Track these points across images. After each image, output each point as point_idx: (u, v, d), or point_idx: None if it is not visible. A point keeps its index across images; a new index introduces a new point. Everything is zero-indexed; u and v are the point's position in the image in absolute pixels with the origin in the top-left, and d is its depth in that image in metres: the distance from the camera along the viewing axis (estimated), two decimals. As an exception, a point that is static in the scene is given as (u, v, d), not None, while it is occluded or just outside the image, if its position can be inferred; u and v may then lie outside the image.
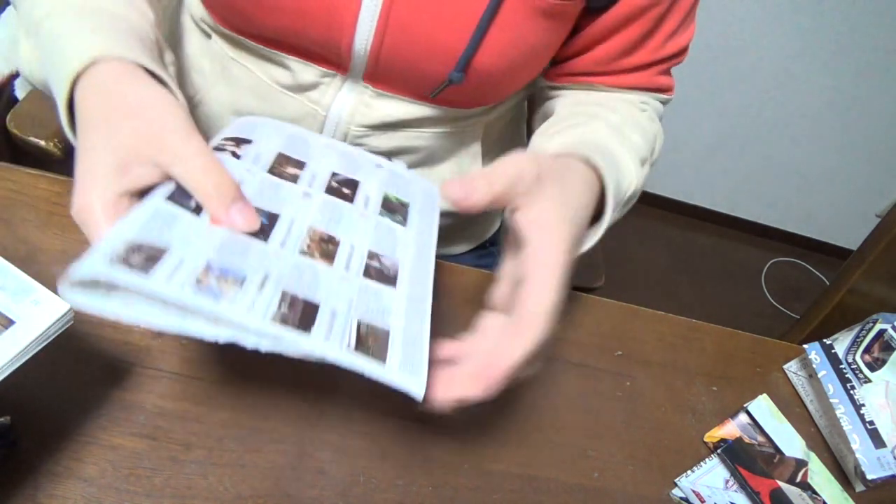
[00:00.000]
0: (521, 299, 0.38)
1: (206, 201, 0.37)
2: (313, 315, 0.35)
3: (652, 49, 0.60)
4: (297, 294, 0.36)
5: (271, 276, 0.36)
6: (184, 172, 0.37)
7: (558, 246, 0.40)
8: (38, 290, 0.37)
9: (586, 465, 0.53)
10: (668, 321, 0.66)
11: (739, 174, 2.22)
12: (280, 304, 0.35)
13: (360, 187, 0.47)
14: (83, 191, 0.36)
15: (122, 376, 0.46)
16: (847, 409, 0.59)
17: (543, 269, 0.39)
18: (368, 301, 0.38)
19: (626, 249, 2.12)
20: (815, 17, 1.79)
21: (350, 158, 0.49)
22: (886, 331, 0.62)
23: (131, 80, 0.40)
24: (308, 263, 0.38)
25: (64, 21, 0.43)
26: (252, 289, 0.34)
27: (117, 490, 0.42)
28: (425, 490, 0.48)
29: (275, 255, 0.37)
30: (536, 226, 0.41)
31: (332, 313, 0.36)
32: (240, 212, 0.37)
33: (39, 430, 0.43)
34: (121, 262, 0.32)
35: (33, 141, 0.68)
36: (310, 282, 0.37)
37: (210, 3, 0.57)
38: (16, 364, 0.35)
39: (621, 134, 0.56)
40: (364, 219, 0.44)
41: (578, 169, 0.48)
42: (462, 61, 0.53)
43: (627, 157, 0.55)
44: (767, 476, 0.56)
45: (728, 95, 1.99)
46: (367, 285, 0.40)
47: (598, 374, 0.59)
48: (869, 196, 2.22)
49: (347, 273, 0.40)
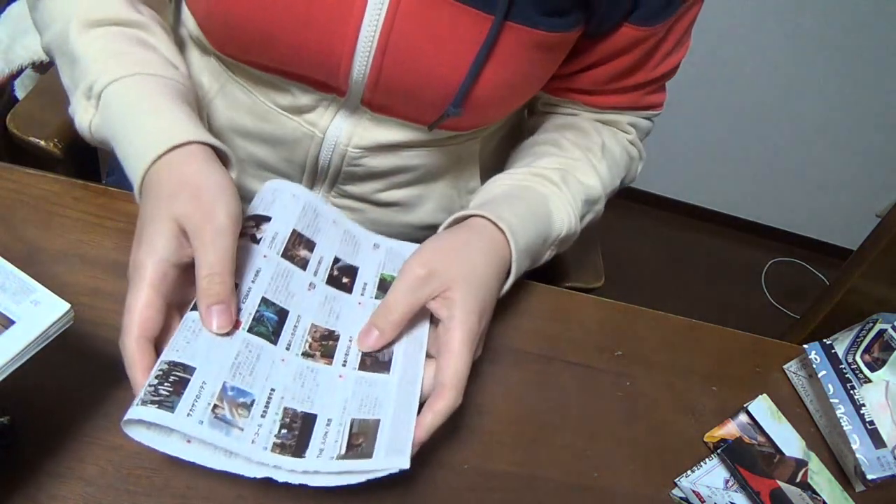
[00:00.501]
0: (440, 368, 0.45)
1: (198, 289, 0.42)
2: (311, 429, 0.42)
3: (647, 70, 0.61)
4: (297, 409, 0.42)
5: (277, 390, 0.42)
6: (198, 258, 0.42)
7: (464, 325, 0.46)
8: (38, 290, 0.37)
9: (586, 465, 0.53)
10: (668, 321, 0.66)
11: (739, 174, 2.22)
12: (281, 429, 0.41)
13: (359, 274, 0.53)
14: (142, 251, 0.42)
15: (122, 376, 0.46)
16: (847, 409, 0.59)
17: (452, 347, 0.45)
18: (362, 396, 0.45)
19: (626, 249, 2.12)
20: (816, 17, 1.79)
21: (352, 240, 0.55)
22: (886, 331, 0.62)
23: (197, 160, 0.46)
24: (309, 368, 0.45)
25: (128, 95, 0.49)
26: (258, 412, 0.40)
27: (117, 490, 0.42)
28: (425, 490, 0.48)
29: (281, 362, 0.44)
30: (444, 310, 0.47)
31: (327, 422, 0.43)
32: (217, 314, 0.42)
33: (39, 430, 0.43)
34: (150, 398, 0.37)
35: (33, 141, 0.68)
36: (309, 392, 0.44)
37: (206, 30, 0.57)
38: (16, 364, 0.35)
39: (566, 179, 0.60)
40: (361, 308, 0.51)
41: (483, 230, 0.53)
42: (459, 97, 0.53)
43: (561, 203, 0.59)
44: (767, 476, 0.56)
45: (728, 96, 1.99)
46: (363, 378, 0.46)
47: (598, 374, 0.59)
48: (869, 196, 2.22)
49: (344, 369, 0.46)
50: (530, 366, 0.57)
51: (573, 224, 0.60)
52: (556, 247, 0.60)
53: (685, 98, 1.95)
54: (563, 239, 0.60)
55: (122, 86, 0.49)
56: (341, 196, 0.66)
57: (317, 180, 0.64)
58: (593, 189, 0.62)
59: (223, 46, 0.57)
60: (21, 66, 0.82)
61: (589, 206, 0.62)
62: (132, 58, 0.50)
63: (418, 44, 0.51)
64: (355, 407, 0.44)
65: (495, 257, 0.52)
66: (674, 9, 0.55)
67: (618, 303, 0.65)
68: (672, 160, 2.15)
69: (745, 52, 1.88)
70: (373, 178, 0.64)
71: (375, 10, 0.50)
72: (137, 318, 0.40)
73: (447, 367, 0.45)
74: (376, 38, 0.51)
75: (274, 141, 0.61)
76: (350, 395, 0.45)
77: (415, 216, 0.69)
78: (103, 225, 0.53)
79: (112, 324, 0.48)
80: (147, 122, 0.47)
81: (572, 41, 0.56)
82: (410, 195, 0.66)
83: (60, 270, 0.50)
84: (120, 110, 0.48)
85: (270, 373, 0.43)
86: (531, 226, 0.55)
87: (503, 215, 0.53)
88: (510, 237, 0.52)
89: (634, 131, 0.68)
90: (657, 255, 2.20)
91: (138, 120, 0.48)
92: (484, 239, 0.52)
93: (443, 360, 0.45)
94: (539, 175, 0.60)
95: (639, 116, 0.67)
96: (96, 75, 0.49)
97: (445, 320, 0.47)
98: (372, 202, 0.66)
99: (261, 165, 0.64)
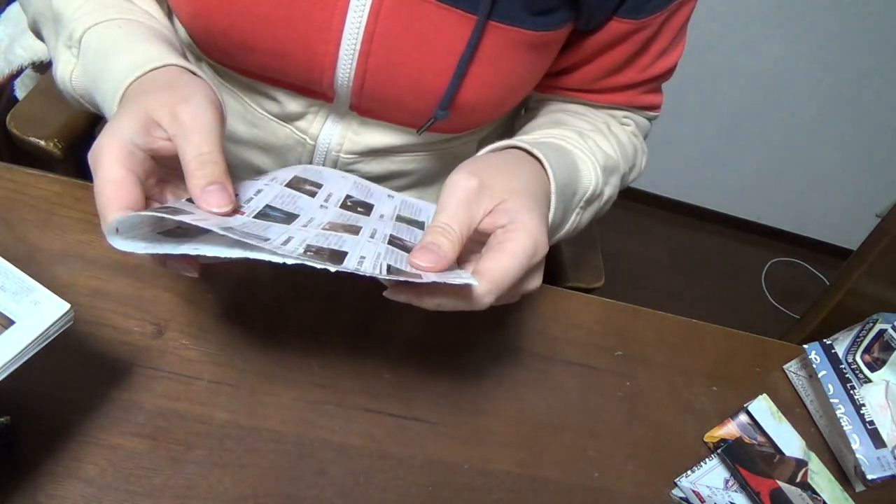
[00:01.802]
0: (482, 258, 0.39)
1: (187, 176, 0.38)
2: (342, 259, 0.36)
3: (640, 69, 0.60)
4: (324, 246, 0.37)
5: (295, 237, 0.37)
6: (180, 144, 0.38)
7: (527, 229, 0.39)
8: (38, 290, 0.37)
9: (586, 465, 0.53)
10: (668, 321, 0.66)
11: (739, 174, 2.22)
12: (306, 251, 0.35)
13: (374, 209, 0.48)
14: (104, 135, 0.38)
15: (122, 376, 0.46)
16: (847, 409, 0.59)
17: (506, 247, 0.39)
18: (396, 253, 0.38)
19: (626, 249, 2.12)
20: (816, 16, 1.79)
21: (364, 188, 0.51)
22: (886, 331, 0.62)
23: (174, 74, 0.43)
24: (332, 233, 0.39)
25: (109, 34, 0.46)
26: (278, 241, 0.36)
27: (117, 490, 0.42)
28: (425, 490, 0.48)
29: (302, 229, 0.39)
30: (504, 218, 0.41)
31: (360, 258, 0.36)
32: (214, 192, 0.37)
33: (39, 430, 0.43)
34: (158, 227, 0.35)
35: (33, 141, 0.68)
36: (335, 242, 0.38)
37: (191, 34, 0.57)
38: (16, 364, 0.35)
39: (584, 139, 0.56)
40: (382, 221, 0.45)
41: (520, 157, 0.48)
42: (446, 99, 0.53)
43: (586, 158, 0.54)
44: (767, 476, 0.56)
45: (728, 95, 1.99)
46: (393, 249, 0.39)
47: (598, 374, 0.59)
48: (869, 196, 2.22)
49: (373, 240, 0.40)
50: (530, 366, 0.57)
51: (598, 183, 0.55)
52: (582, 207, 0.55)
53: (685, 98, 1.95)
54: (588, 198, 0.55)
55: (103, 28, 0.47)
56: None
57: None
58: (611, 158, 0.58)
59: (209, 52, 0.57)
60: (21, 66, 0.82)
61: (608, 174, 0.57)
62: (115, 9, 0.49)
63: (402, 47, 0.51)
64: (390, 259, 0.37)
65: (541, 186, 0.45)
66: (661, 2, 0.54)
67: (618, 303, 0.65)
68: (672, 160, 2.15)
69: (745, 52, 1.88)
70: None
71: (357, 14, 0.49)
72: (111, 193, 0.36)
73: (493, 260, 0.38)
74: (359, 43, 0.50)
75: (267, 147, 0.61)
76: (383, 251, 0.38)
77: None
78: (103, 225, 0.53)
79: (112, 324, 0.48)
80: (124, 55, 0.45)
81: (561, 40, 0.56)
82: None
83: (60, 270, 0.50)
84: (99, 49, 0.46)
85: (285, 230, 0.38)
86: (564, 168, 0.50)
87: (545, 153, 0.48)
88: (551, 173, 0.47)
89: (633, 124, 0.65)
90: (657, 255, 2.20)
91: (117, 56, 0.45)
92: (528, 169, 0.46)
93: (493, 252, 0.38)
94: (559, 134, 0.56)
95: (635, 114, 0.65)
96: (76, 23, 0.47)
97: (507, 224, 0.39)
98: None
99: (255, 172, 0.64)
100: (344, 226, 0.41)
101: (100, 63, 0.46)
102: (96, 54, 0.47)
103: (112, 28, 0.47)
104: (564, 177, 0.50)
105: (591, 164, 0.55)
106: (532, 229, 0.39)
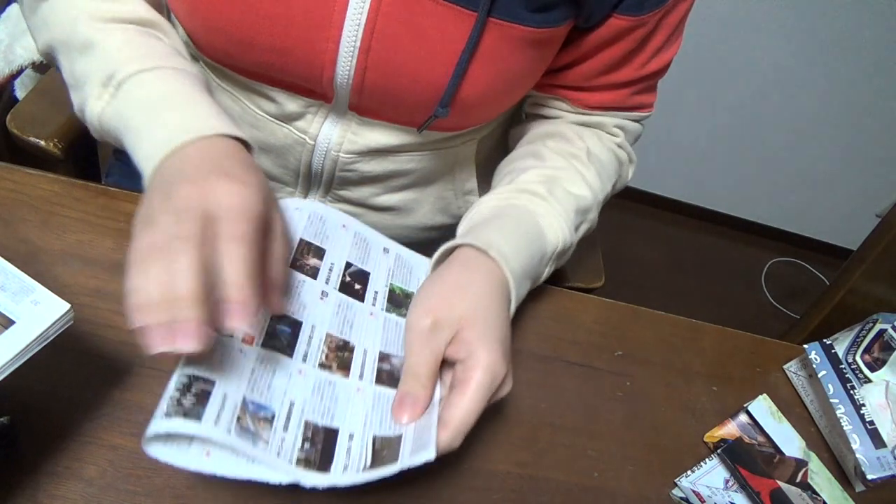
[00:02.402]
0: (448, 404, 0.43)
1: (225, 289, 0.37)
2: (333, 443, 0.41)
3: (637, 66, 0.60)
4: (318, 423, 0.42)
5: (296, 403, 0.42)
6: (226, 252, 0.37)
7: (485, 365, 0.43)
8: (38, 290, 0.37)
9: (586, 465, 0.53)
10: (668, 321, 0.66)
11: (739, 174, 2.22)
12: (304, 443, 0.40)
13: (370, 281, 0.52)
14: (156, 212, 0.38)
15: (122, 376, 0.46)
16: (847, 409, 0.59)
17: (466, 387, 0.43)
18: (382, 412, 0.44)
19: (626, 249, 2.12)
20: (816, 16, 1.79)
21: (362, 243, 0.54)
22: (886, 331, 0.62)
23: (220, 151, 0.43)
24: (327, 380, 0.44)
25: (156, 90, 0.47)
26: (279, 426, 0.40)
27: (117, 490, 0.42)
28: (425, 490, 0.48)
29: (298, 374, 0.43)
30: (463, 351, 0.45)
31: (349, 436, 0.42)
32: (240, 314, 0.37)
33: (39, 430, 0.43)
34: (175, 409, 0.36)
35: (33, 141, 0.68)
36: (329, 405, 0.43)
37: (189, 32, 0.57)
38: (16, 364, 0.35)
39: (553, 188, 0.58)
40: (373, 318, 0.50)
41: (476, 262, 0.50)
42: (446, 97, 0.53)
43: (553, 218, 0.56)
44: (767, 476, 0.56)
45: (728, 95, 1.99)
46: (381, 393, 0.46)
47: (598, 374, 0.59)
48: (869, 196, 2.22)
49: (362, 382, 0.46)
50: (530, 366, 0.57)
51: (567, 236, 0.57)
52: (554, 262, 0.58)
53: (685, 98, 1.95)
54: (559, 253, 0.57)
55: (147, 76, 0.47)
56: (337, 201, 0.66)
57: (311, 186, 0.64)
58: (583, 199, 0.59)
59: (207, 50, 0.57)
60: (21, 66, 0.82)
61: (582, 215, 0.60)
62: (154, 51, 0.49)
63: (402, 45, 0.51)
64: (377, 422, 0.44)
65: (496, 286, 0.49)
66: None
67: (618, 303, 0.65)
68: (672, 160, 2.15)
69: (745, 52, 1.88)
70: (367, 182, 0.63)
71: (357, 10, 0.49)
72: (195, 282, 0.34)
73: (454, 406, 0.42)
74: (359, 41, 0.50)
75: (267, 148, 0.61)
76: (370, 408, 0.44)
77: (412, 219, 0.68)
78: (103, 225, 0.53)
79: (112, 324, 0.48)
80: (171, 113, 0.45)
81: (561, 37, 0.56)
82: (407, 199, 0.66)
83: (60, 270, 0.50)
84: (143, 99, 0.47)
85: (288, 386, 0.42)
86: (524, 247, 0.53)
87: (493, 241, 0.51)
88: (503, 264, 0.50)
89: (623, 134, 0.65)
90: (657, 255, 2.20)
91: (162, 112, 0.46)
92: (480, 271, 0.49)
93: (454, 395, 0.43)
94: (524, 191, 0.57)
95: (627, 118, 0.65)
96: (118, 64, 0.47)
97: (465, 359, 0.44)
98: (368, 206, 0.66)
99: None
100: (338, 349, 0.46)
101: (142, 112, 0.46)
102: (137, 104, 0.47)
103: (156, 79, 0.47)
104: (525, 256, 0.52)
105: (557, 222, 0.56)
106: (488, 363, 0.43)
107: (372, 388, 0.46)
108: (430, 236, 0.72)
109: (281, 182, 0.65)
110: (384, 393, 0.46)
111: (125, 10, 0.51)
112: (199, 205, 0.37)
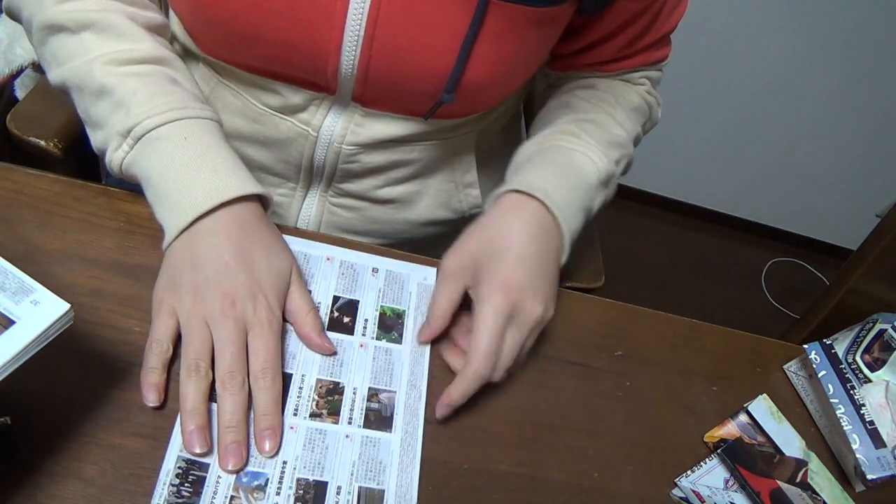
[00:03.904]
0: (471, 338, 0.49)
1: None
2: (322, 496, 0.44)
3: (653, 34, 0.62)
4: (309, 478, 0.45)
5: (289, 462, 0.45)
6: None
7: (487, 301, 0.50)
8: (38, 290, 0.37)
9: (586, 465, 0.53)
10: (668, 321, 0.66)
11: (739, 174, 2.22)
12: (295, 502, 0.43)
13: (359, 310, 0.54)
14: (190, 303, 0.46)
15: (122, 376, 0.46)
16: (847, 409, 0.59)
17: (477, 320, 0.50)
18: (368, 460, 0.47)
19: (626, 249, 2.12)
20: (816, 16, 1.79)
21: (349, 272, 0.56)
22: (886, 331, 0.62)
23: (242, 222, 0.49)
24: (318, 430, 0.47)
25: (175, 147, 0.49)
26: (272, 491, 0.43)
27: (117, 490, 0.42)
28: (425, 490, 0.48)
29: (290, 432, 0.46)
30: (474, 294, 0.52)
31: (337, 490, 0.45)
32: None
33: (39, 430, 0.43)
34: (175, 499, 0.41)
35: (33, 141, 0.68)
36: (319, 458, 0.46)
37: (191, 30, 0.57)
38: (16, 364, 0.35)
39: (581, 127, 0.61)
40: (363, 350, 0.52)
41: (518, 203, 0.54)
42: (451, 82, 0.53)
43: (584, 149, 0.59)
44: (767, 476, 0.56)
45: (728, 95, 1.99)
46: (368, 438, 0.48)
47: (598, 374, 0.59)
48: (869, 196, 2.22)
49: (350, 428, 0.48)
50: (530, 366, 0.57)
51: (606, 165, 0.60)
52: (601, 191, 0.61)
53: (685, 98, 1.95)
54: (603, 181, 0.60)
55: (165, 131, 0.49)
56: (339, 195, 0.66)
57: (313, 179, 0.64)
58: (616, 135, 0.62)
59: (209, 47, 0.57)
60: (21, 66, 0.82)
61: (617, 149, 0.62)
62: (170, 99, 0.50)
63: (405, 31, 0.51)
64: (362, 472, 0.46)
65: (534, 227, 0.53)
66: None
67: (618, 303, 0.65)
68: (672, 160, 2.15)
69: (745, 52, 1.88)
70: (369, 174, 0.63)
71: (360, 1, 0.49)
72: None
73: (473, 338, 0.49)
74: (363, 30, 0.50)
75: (269, 142, 0.61)
76: (357, 457, 0.47)
77: (413, 212, 0.69)
78: (103, 225, 0.53)
79: (112, 324, 0.48)
80: (192, 174, 0.48)
81: (566, 17, 0.56)
82: (408, 191, 0.66)
83: (60, 270, 0.50)
84: (164, 156, 0.49)
85: (282, 446, 0.45)
86: (562, 178, 0.56)
87: (532, 182, 0.54)
88: (543, 197, 0.54)
89: (648, 82, 0.69)
90: (657, 255, 2.20)
91: (182, 170, 0.48)
92: (519, 210, 0.54)
93: (473, 324, 0.50)
94: (557, 132, 0.61)
95: (650, 70, 0.69)
96: (137, 118, 0.48)
97: (474, 302, 0.51)
98: (370, 199, 0.66)
99: (257, 167, 0.64)
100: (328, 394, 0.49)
101: (163, 168, 0.49)
102: (158, 159, 0.49)
103: (174, 133, 0.49)
104: (564, 189, 0.56)
105: (590, 152, 0.59)
106: (494, 287, 0.50)
107: (360, 435, 0.48)
108: (431, 232, 0.72)
109: (282, 177, 0.65)
110: (371, 437, 0.48)
111: (138, 51, 0.51)
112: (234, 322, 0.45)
